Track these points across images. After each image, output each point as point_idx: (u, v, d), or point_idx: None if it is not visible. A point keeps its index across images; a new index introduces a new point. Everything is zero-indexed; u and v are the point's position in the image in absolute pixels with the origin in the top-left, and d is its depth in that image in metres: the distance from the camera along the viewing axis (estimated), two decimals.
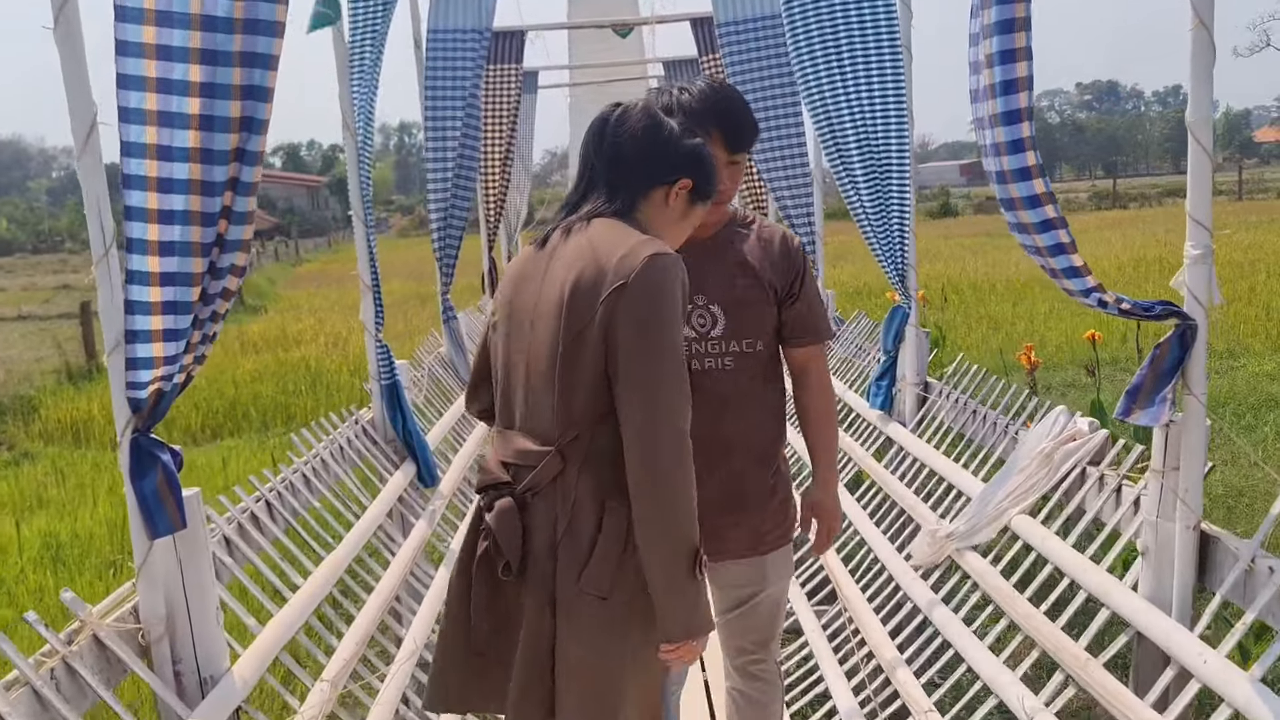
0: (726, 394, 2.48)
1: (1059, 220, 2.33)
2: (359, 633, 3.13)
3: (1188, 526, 2.41)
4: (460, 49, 6.38)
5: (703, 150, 2.19)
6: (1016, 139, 2.27)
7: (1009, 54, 2.25)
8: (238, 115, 2.08)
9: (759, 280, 2.49)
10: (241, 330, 17.50)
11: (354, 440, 4.23)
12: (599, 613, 2.02)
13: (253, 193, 2.16)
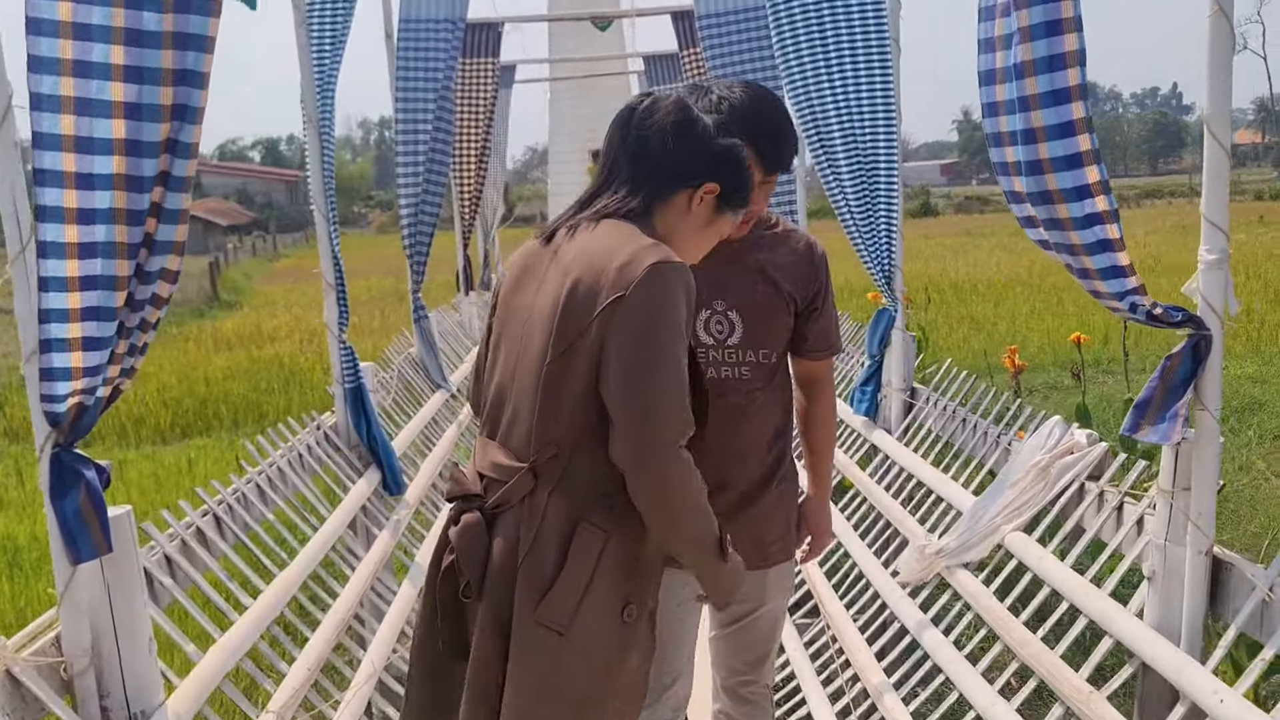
0: (741, 404, 2.38)
1: (1111, 214, 2.14)
2: (312, 657, 2.93)
3: (1199, 551, 2.24)
4: (433, 40, 6.17)
5: (737, 153, 2.00)
6: (1065, 121, 2.08)
7: (1055, 25, 2.04)
8: (169, 103, 1.87)
9: (779, 290, 2.37)
10: (215, 327, 17.26)
11: (314, 447, 4.02)
12: (554, 648, 1.86)
13: (186, 188, 1.95)
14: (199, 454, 9.00)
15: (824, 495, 2.60)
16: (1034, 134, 2.11)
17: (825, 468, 2.61)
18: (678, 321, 1.81)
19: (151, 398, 11.37)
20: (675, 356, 1.80)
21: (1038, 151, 2.12)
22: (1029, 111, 2.11)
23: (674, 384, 1.79)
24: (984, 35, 2.23)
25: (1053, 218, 2.18)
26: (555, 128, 20.04)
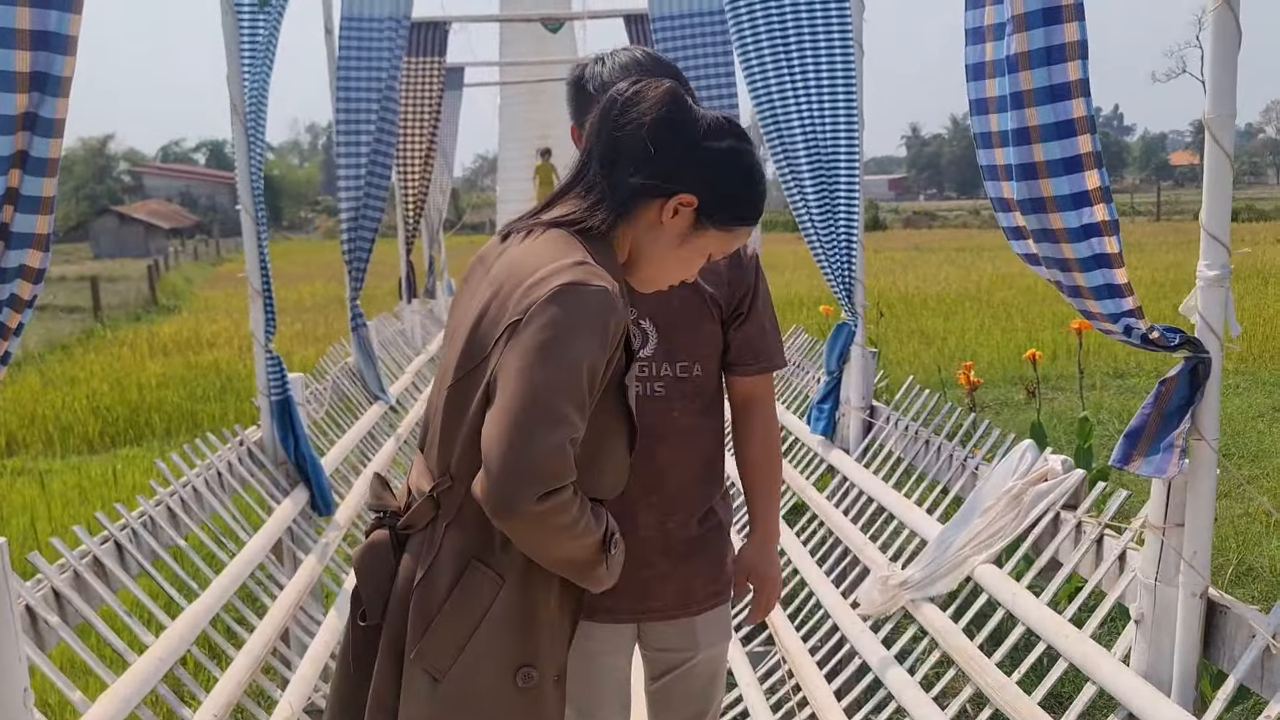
0: (652, 425, 2.07)
1: (1110, 225, 1.92)
2: (220, 701, 2.65)
3: (1193, 594, 2.06)
4: (376, 38, 5.92)
5: (727, 159, 1.71)
6: (1064, 120, 1.86)
7: (1054, 12, 1.82)
8: (26, 70, 1.60)
9: (699, 293, 2.09)
10: (152, 332, 16.76)
11: (236, 465, 3.73)
12: (429, 693, 1.66)
13: (51, 172, 1.67)
14: (126, 465, 8.62)
15: (767, 535, 2.24)
16: (1028, 133, 1.91)
17: (768, 509, 2.24)
18: (577, 356, 1.53)
19: (80, 405, 10.94)
20: (561, 396, 1.51)
21: (1032, 154, 1.92)
22: (1023, 109, 1.90)
23: (546, 428, 1.49)
24: (972, 24, 2.03)
25: (1045, 228, 1.97)
26: (505, 133, 19.75)
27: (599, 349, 1.55)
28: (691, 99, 1.76)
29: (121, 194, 62.03)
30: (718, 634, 2.25)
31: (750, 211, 1.77)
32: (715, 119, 1.72)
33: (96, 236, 46.44)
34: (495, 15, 8.59)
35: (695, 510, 2.16)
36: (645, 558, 2.11)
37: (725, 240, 1.78)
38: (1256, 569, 5.38)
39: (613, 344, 1.58)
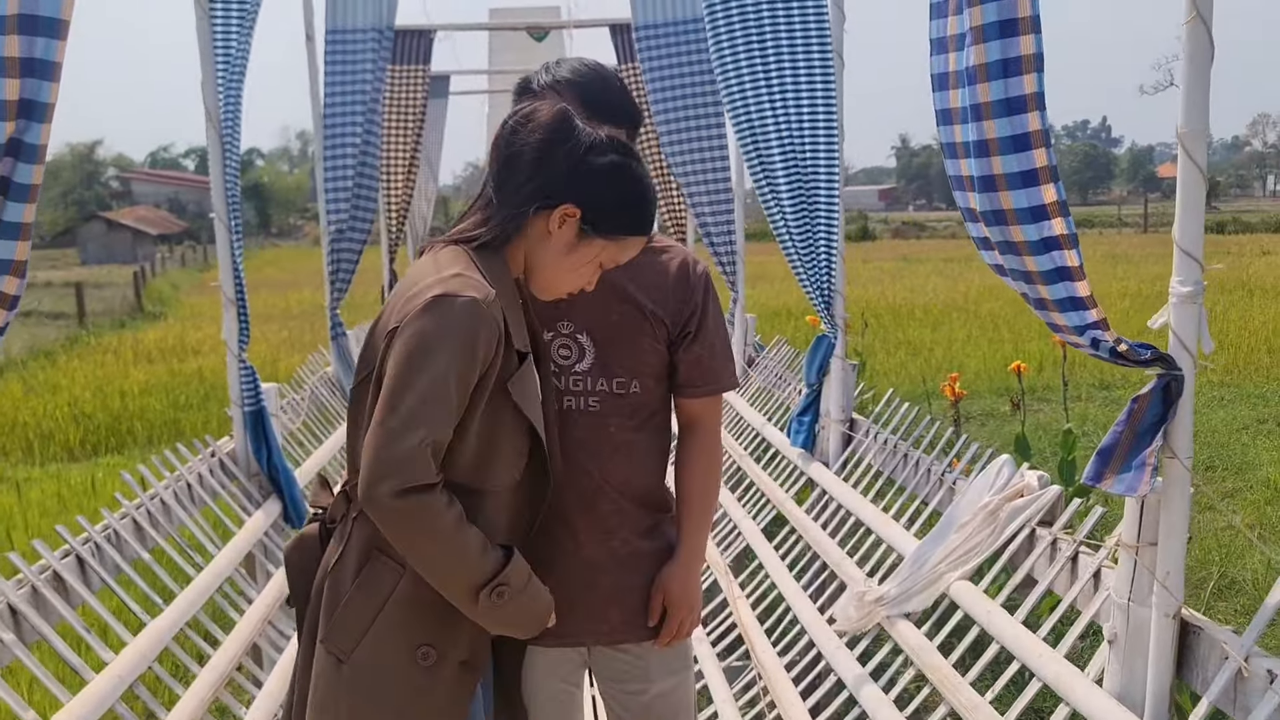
0: (585, 440, 2.03)
1: (1069, 238, 1.90)
2: (182, 717, 2.60)
3: (1166, 614, 2.03)
4: (360, 49, 5.89)
5: (609, 173, 1.80)
6: (1020, 134, 1.84)
7: (1010, 25, 1.80)
8: (14, 98, 1.59)
9: (641, 310, 2.04)
10: (137, 338, 16.68)
11: (207, 476, 3.68)
12: (334, 675, 1.77)
13: (31, 199, 1.67)
14: (107, 474, 8.53)
15: (688, 559, 2.13)
16: (987, 146, 1.88)
17: (695, 533, 2.14)
18: (443, 364, 1.64)
19: (61, 413, 10.86)
20: (422, 402, 1.62)
21: (991, 166, 1.89)
22: (981, 121, 1.87)
23: (406, 430, 1.61)
24: (936, 34, 2.00)
25: (1007, 240, 1.95)
26: None
27: (467, 356, 1.65)
28: (610, 111, 1.93)
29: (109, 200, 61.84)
30: (673, 663, 2.17)
31: (631, 222, 1.86)
32: (599, 138, 1.81)
33: (84, 242, 46.26)
34: (480, 24, 8.55)
35: (638, 528, 2.10)
36: (588, 578, 2.06)
37: (614, 250, 1.86)
38: (1239, 583, 5.36)
39: (485, 349, 1.68)
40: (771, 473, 4.80)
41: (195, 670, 2.88)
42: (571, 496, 2.03)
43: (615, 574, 2.08)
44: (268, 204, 62.93)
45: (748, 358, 6.53)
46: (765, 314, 14.93)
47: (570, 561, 2.06)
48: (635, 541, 2.10)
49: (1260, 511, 6.52)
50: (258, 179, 64.61)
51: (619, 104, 2.08)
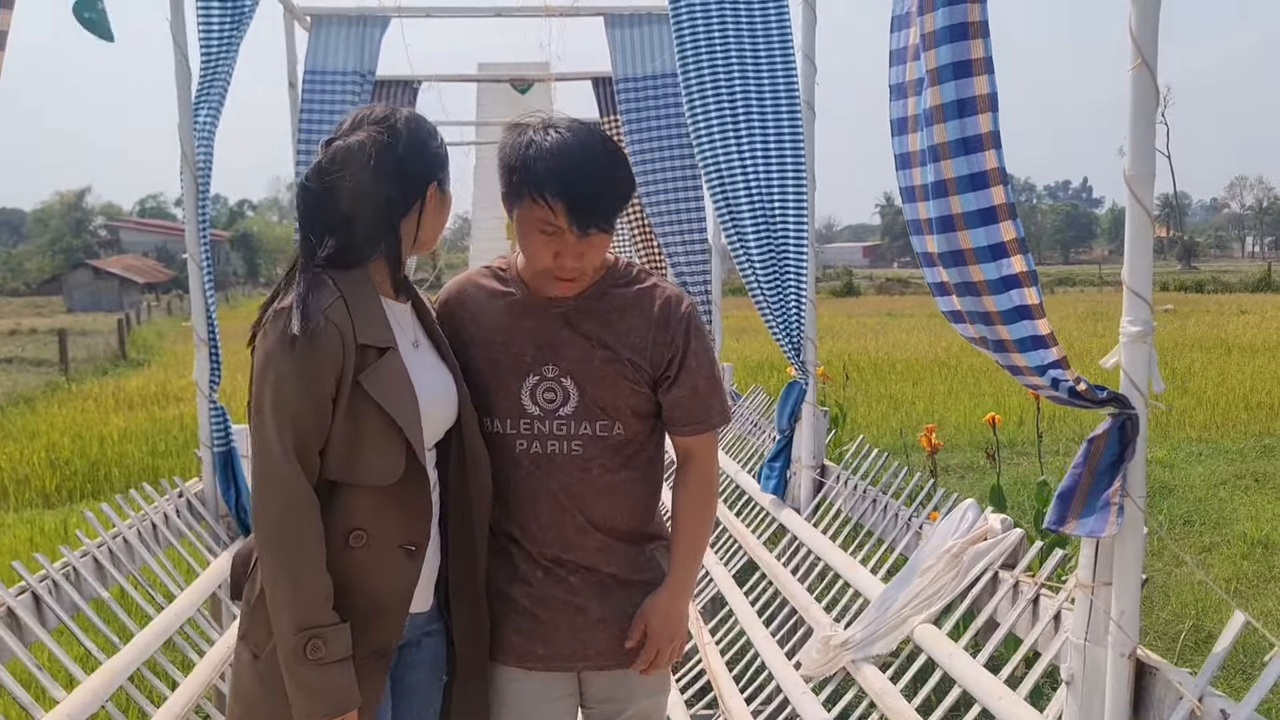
0: (568, 484, 2.06)
1: (1029, 276, 1.91)
2: None
3: (1122, 654, 2.02)
4: (339, 92, 5.94)
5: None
6: (977, 172, 1.87)
7: (963, 66, 1.84)
8: None
9: (618, 357, 2.05)
10: (119, 385, 16.60)
11: (174, 517, 3.66)
12: (249, 669, 1.89)
13: None
14: (81, 520, 8.44)
15: (675, 591, 2.14)
16: (945, 186, 1.91)
17: (687, 561, 2.16)
18: (267, 376, 1.80)
19: (38, 458, 10.78)
20: (263, 407, 1.80)
21: (949, 206, 1.92)
22: (939, 162, 1.91)
23: (260, 440, 1.81)
24: (895, 80, 2.05)
25: (966, 280, 1.97)
26: (478, 194, 19.83)
27: (299, 362, 1.78)
28: None
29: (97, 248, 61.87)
30: (656, 685, 2.22)
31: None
32: (367, 135, 1.90)
33: (70, 290, 46.19)
34: (462, 75, 8.65)
35: (627, 562, 2.13)
36: (578, 604, 2.09)
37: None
38: (1214, 637, 5.35)
39: (326, 355, 1.79)
40: (744, 519, 4.79)
41: (150, 711, 2.84)
42: (555, 536, 2.07)
43: (603, 603, 2.11)
44: (256, 254, 63.06)
45: None
46: (748, 366, 14.99)
47: (557, 590, 2.09)
48: (625, 574, 2.13)
49: (1237, 566, 6.53)
50: (247, 229, 64.81)
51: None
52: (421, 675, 2.06)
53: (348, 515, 1.84)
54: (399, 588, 1.89)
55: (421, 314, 2.07)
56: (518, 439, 2.06)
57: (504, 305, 2.10)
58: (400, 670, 2.03)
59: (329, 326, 1.79)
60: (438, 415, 1.96)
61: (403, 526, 1.88)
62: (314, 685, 1.76)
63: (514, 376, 2.06)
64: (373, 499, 1.85)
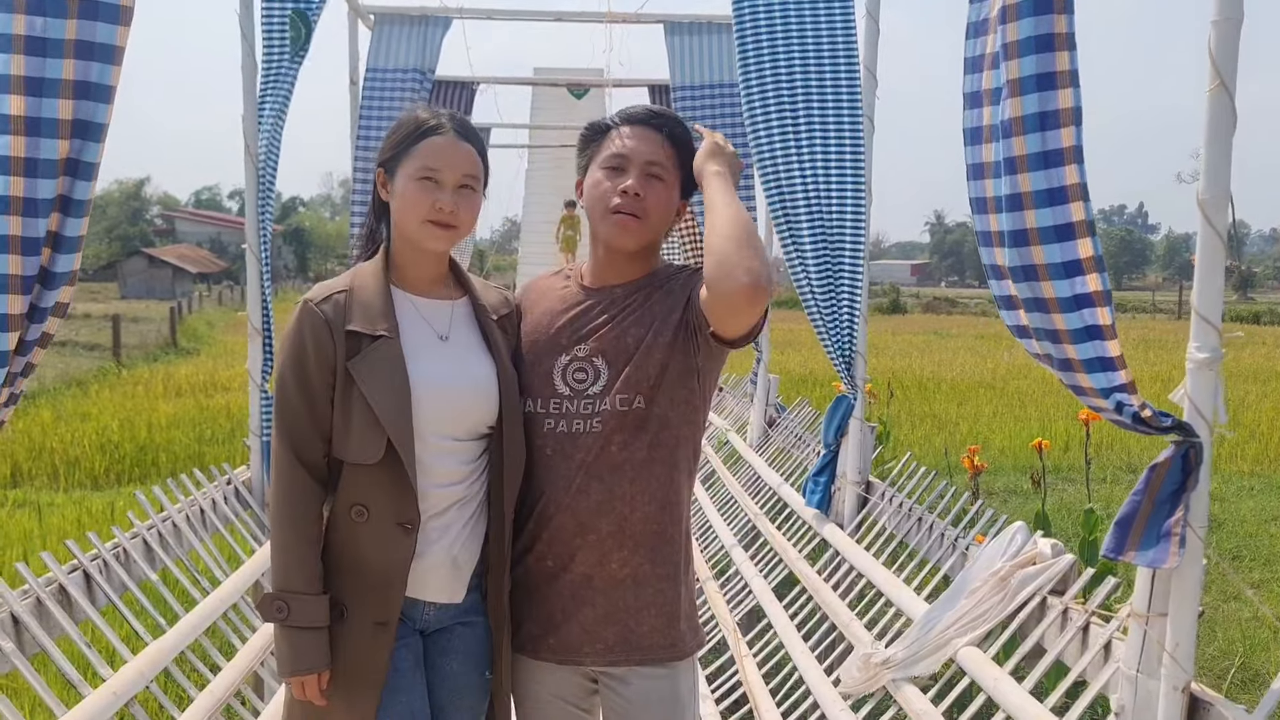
0: (586, 461, 2.05)
1: (1103, 295, 1.88)
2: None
3: (1175, 687, 1.98)
4: (399, 89, 6.00)
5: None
6: (1056, 187, 1.85)
7: (1047, 78, 1.81)
8: (69, 118, 1.64)
9: (650, 328, 2.06)
10: (169, 372, 16.86)
11: (221, 503, 3.70)
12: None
13: (85, 213, 1.72)
14: (129, 502, 8.59)
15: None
16: (1021, 200, 1.88)
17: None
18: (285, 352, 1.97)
19: (89, 441, 10.97)
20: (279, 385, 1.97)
21: (1024, 220, 1.89)
22: (1016, 175, 1.88)
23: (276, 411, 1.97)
24: (970, 89, 2.02)
25: (1036, 297, 1.94)
26: (529, 197, 19.97)
27: (292, 351, 1.95)
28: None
29: (153, 237, 62.92)
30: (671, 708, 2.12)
31: (396, 133, 2.04)
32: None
33: (125, 277, 47.02)
34: (520, 79, 8.71)
35: (639, 550, 2.09)
36: (585, 596, 2.07)
37: (411, 163, 1.99)
38: (1263, 675, 5.22)
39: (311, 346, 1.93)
40: (786, 533, 4.76)
41: (193, 694, 2.87)
42: (569, 517, 2.06)
43: (612, 595, 2.08)
44: (307, 249, 63.82)
45: (769, 418, 6.51)
46: (792, 380, 14.91)
47: (566, 579, 2.08)
48: (635, 563, 2.09)
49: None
50: (299, 224, 65.63)
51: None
52: (455, 663, 2.09)
53: (349, 491, 1.96)
54: (396, 563, 1.96)
55: (478, 312, 2.10)
56: (546, 418, 2.09)
57: (558, 295, 2.18)
58: (433, 656, 2.07)
59: (317, 318, 1.94)
60: (448, 406, 1.99)
61: (397, 505, 1.94)
62: (282, 644, 1.94)
63: (549, 356, 2.10)
64: (367, 476, 1.94)
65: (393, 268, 2.05)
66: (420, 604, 2.03)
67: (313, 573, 1.94)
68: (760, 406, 6.51)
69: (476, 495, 2.05)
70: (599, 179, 2.08)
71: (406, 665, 2.00)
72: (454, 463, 2.01)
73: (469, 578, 2.07)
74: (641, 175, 2.06)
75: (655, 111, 2.13)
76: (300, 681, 1.95)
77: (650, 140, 2.08)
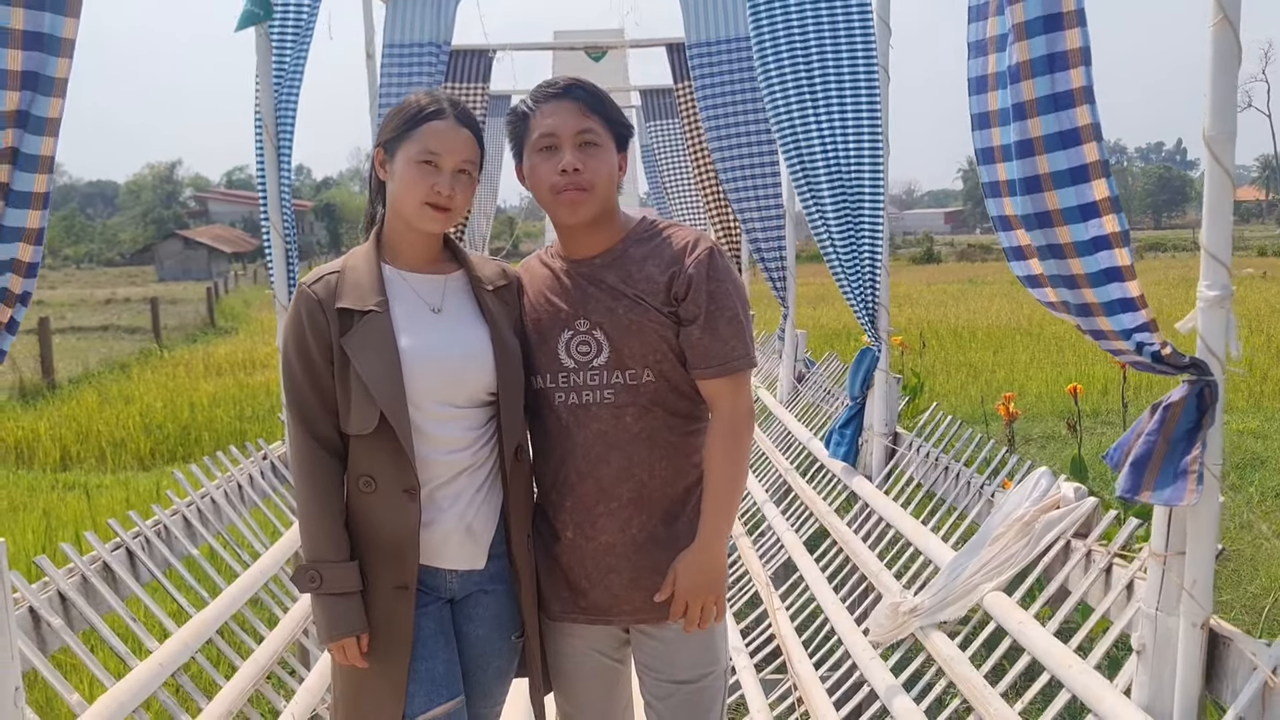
0: (604, 432, 2.10)
1: (1120, 236, 1.86)
2: (221, 708, 2.67)
3: (1194, 624, 1.99)
4: (417, 63, 6.01)
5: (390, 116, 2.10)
6: (1069, 129, 1.82)
7: (1054, 19, 1.79)
8: (17, 69, 1.64)
9: (642, 304, 2.09)
10: (208, 352, 17.11)
11: (258, 479, 3.78)
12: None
13: (43, 169, 1.71)
14: (173, 482, 8.77)
15: (703, 543, 2.10)
16: (1031, 145, 1.87)
17: (710, 515, 2.11)
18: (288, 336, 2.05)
19: (133, 423, 11.18)
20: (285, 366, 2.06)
21: (1036, 166, 1.88)
22: (1025, 120, 1.87)
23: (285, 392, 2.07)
24: (974, 37, 2.01)
25: (1052, 243, 1.93)
26: None
27: (293, 332, 2.03)
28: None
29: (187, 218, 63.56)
30: (699, 658, 2.18)
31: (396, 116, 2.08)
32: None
33: (161, 259, 47.60)
34: (536, 44, 8.68)
35: (658, 514, 2.13)
36: (608, 563, 2.13)
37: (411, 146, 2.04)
38: None
39: (308, 325, 2.01)
40: (815, 486, 4.79)
41: (237, 663, 2.96)
42: (592, 485, 2.11)
43: (634, 558, 2.13)
44: (338, 224, 64.26)
45: (798, 373, 6.52)
46: (825, 334, 14.86)
47: (589, 547, 2.13)
48: (654, 526, 2.13)
49: None
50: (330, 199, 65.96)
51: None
52: (481, 628, 2.16)
53: (357, 462, 2.04)
54: (405, 528, 2.03)
55: (473, 284, 2.16)
56: (556, 392, 2.13)
57: (549, 273, 2.21)
58: (459, 621, 2.15)
59: (310, 300, 2.03)
60: (441, 375, 2.05)
61: (399, 473, 2.01)
62: (319, 612, 2.03)
63: (552, 332, 2.14)
64: (369, 446, 2.01)
65: (385, 246, 2.12)
66: (442, 572, 2.10)
67: (340, 541, 2.02)
68: (789, 362, 6.52)
69: (486, 462, 2.10)
70: (536, 163, 2.11)
71: (429, 632, 2.07)
72: (457, 429, 2.07)
73: (488, 545, 2.12)
74: (575, 147, 2.07)
75: (566, 83, 2.13)
76: (340, 646, 2.02)
77: (571, 111, 2.09)
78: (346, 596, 2.01)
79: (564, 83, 2.13)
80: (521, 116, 2.15)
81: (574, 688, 2.25)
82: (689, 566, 2.10)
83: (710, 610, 2.13)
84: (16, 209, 1.70)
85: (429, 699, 2.05)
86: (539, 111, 2.11)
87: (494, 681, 2.20)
